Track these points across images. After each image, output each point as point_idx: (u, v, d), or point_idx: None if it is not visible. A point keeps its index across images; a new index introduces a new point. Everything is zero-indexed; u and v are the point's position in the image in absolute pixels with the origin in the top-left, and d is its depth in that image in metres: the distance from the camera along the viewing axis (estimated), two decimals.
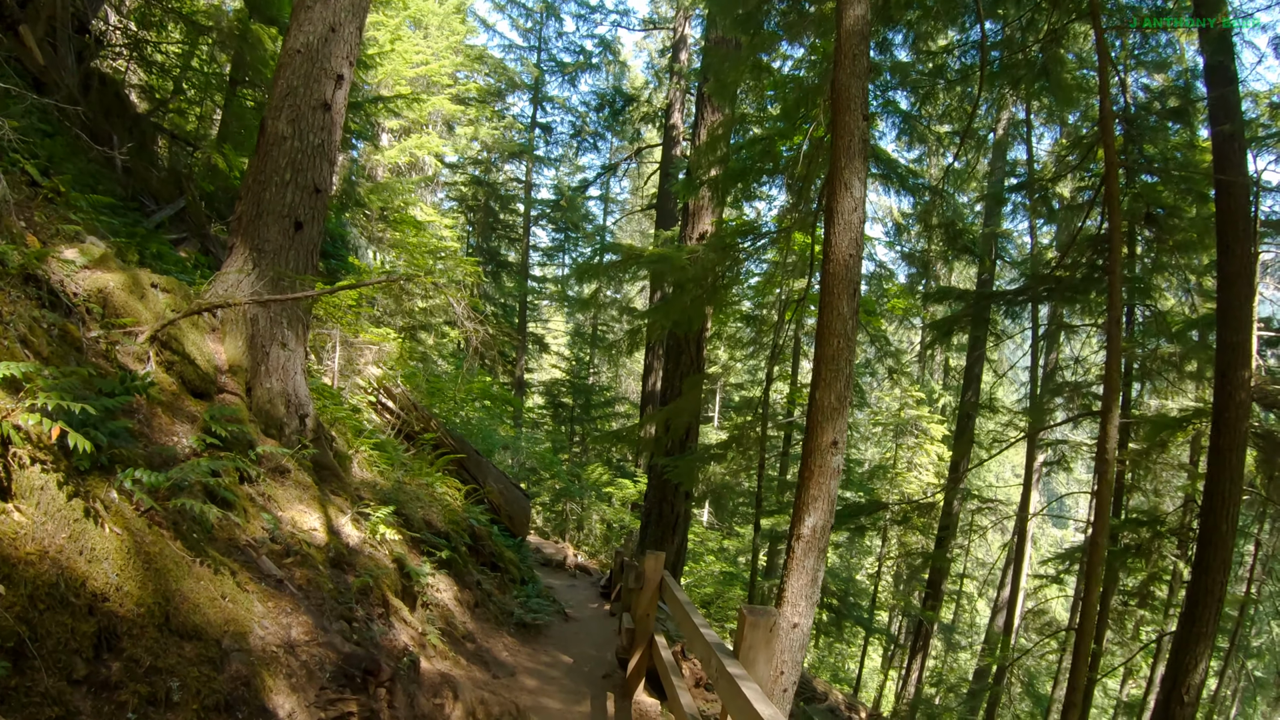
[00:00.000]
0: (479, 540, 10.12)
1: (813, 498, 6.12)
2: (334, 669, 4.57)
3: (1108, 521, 11.29)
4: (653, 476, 14.99)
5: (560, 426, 29.84)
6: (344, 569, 5.81)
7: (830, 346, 6.34)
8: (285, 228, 7.21)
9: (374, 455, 9.61)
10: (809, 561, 6.08)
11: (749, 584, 15.46)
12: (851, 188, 6.66)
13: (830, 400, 6.22)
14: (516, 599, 10.16)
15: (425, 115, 22.61)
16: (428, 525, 8.91)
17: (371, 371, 13.64)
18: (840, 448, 6.21)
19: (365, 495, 7.95)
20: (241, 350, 6.83)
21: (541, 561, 17.27)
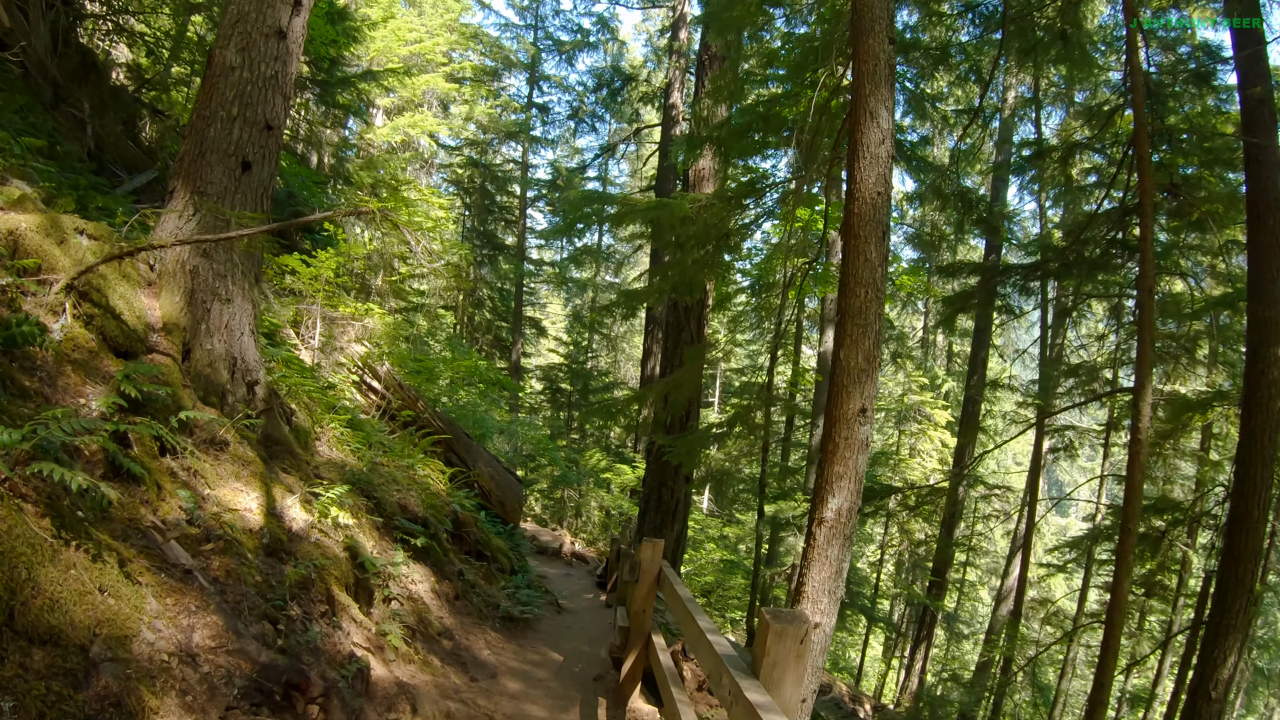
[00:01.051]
0: (463, 527, 9.09)
1: (837, 475, 5.09)
2: (246, 683, 3.54)
3: (1139, 507, 10.29)
4: (651, 460, 13.96)
5: (558, 413, 28.82)
6: (281, 558, 4.77)
7: (856, 298, 5.30)
8: (231, 168, 6.16)
9: (347, 434, 8.58)
10: (832, 550, 5.05)
11: (753, 573, 14.46)
12: (878, 117, 5.62)
13: (857, 360, 5.18)
14: (504, 590, 9.14)
15: (419, 94, 21.54)
16: (403, 510, 7.88)
17: (355, 349, 12.62)
18: (869, 416, 5.18)
19: (328, 476, 6.91)
20: (179, 306, 5.79)
21: (537, 549, 16.27)
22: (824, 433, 5.27)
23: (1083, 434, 22.27)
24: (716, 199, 7.61)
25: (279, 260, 11.21)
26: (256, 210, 6.33)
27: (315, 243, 14.00)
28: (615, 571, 11.15)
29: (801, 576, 5.10)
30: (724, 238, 8.01)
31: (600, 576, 13.36)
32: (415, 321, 20.30)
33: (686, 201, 7.58)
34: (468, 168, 25.95)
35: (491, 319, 27.74)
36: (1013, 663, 21.55)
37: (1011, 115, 23.28)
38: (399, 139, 20.52)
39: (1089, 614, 21.80)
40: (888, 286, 17.90)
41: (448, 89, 21.84)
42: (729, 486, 21.79)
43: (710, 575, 19.15)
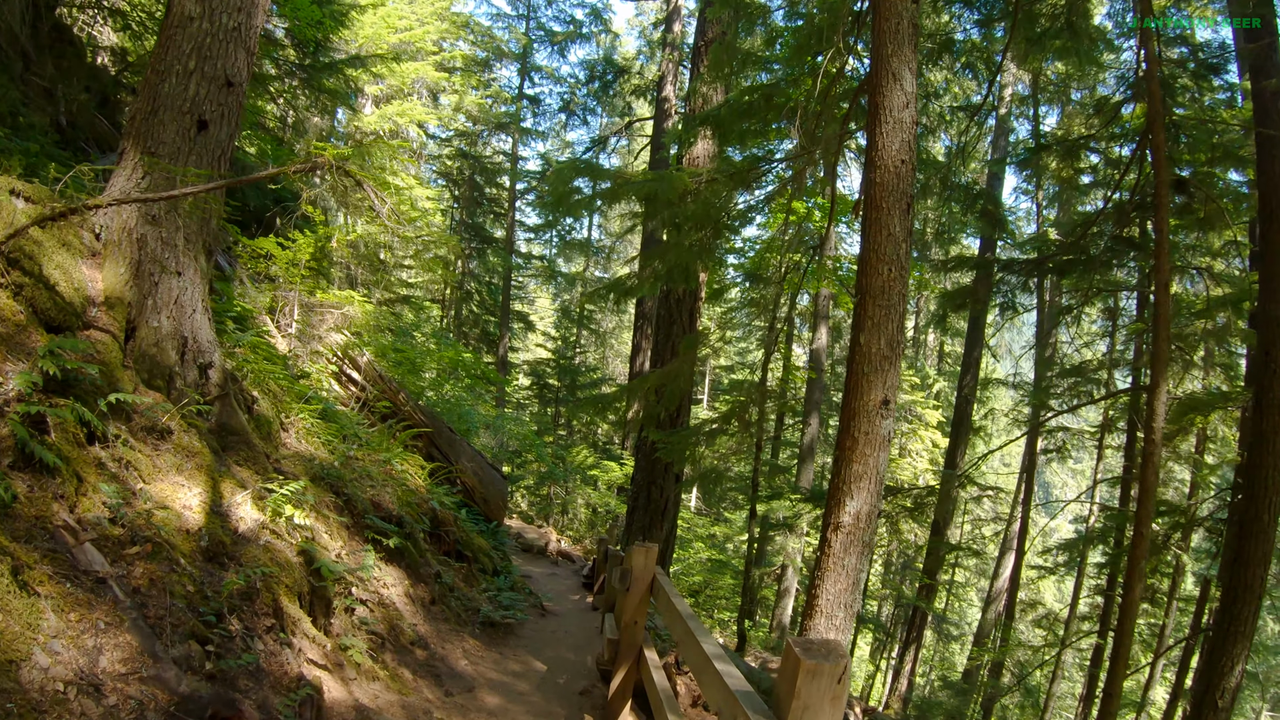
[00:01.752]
0: (442, 525, 8.44)
1: (855, 475, 4.47)
2: (161, 717, 2.89)
3: (1153, 510, 9.72)
4: (640, 458, 13.34)
5: (546, 409, 28.12)
6: (222, 564, 4.12)
7: (879, 276, 4.69)
8: (185, 127, 5.50)
9: (319, 425, 7.92)
10: (849, 559, 4.43)
11: (744, 575, 13.83)
12: (901, 79, 5.01)
13: (879, 346, 4.57)
14: (485, 593, 8.49)
15: (408, 82, 20.81)
16: (376, 507, 7.22)
17: (335, 339, 11.95)
18: (892, 409, 4.57)
19: (292, 470, 6.25)
20: (124, 279, 5.13)
21: (522, 547, 15.61)
22: (841, 428, 4.65)
23: (1075, 435, 21.77)
24: (719, 174, 6.95)
25: (255, 244, 10.53)
26: (215, 180, 5.67)
27: (298, 227, 13.30)
28: (602, 573, 10.52)
29: (814, 589, 4.48)
30: (722, 220, 7.37)
31: (587, 577, 12.73)
32: (401, 314, 19.60)
33: (687, 175, 6.92)
34: (457, 159, 25.22)
35: (479, 313, 27.03)
36: (1004, 667, 21.03)
37: (1008, 113, 22.78)
38: (388, 127, 19.82)
39: (1081, 617, 21.29)
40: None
41: (437, 78, 21.14)
42: (717, 485, 21.20)
43: (698, 575, 18.54)
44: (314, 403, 8.48)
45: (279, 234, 10.52)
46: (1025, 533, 20.13)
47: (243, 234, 10.87)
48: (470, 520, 11.31)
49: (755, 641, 18.00)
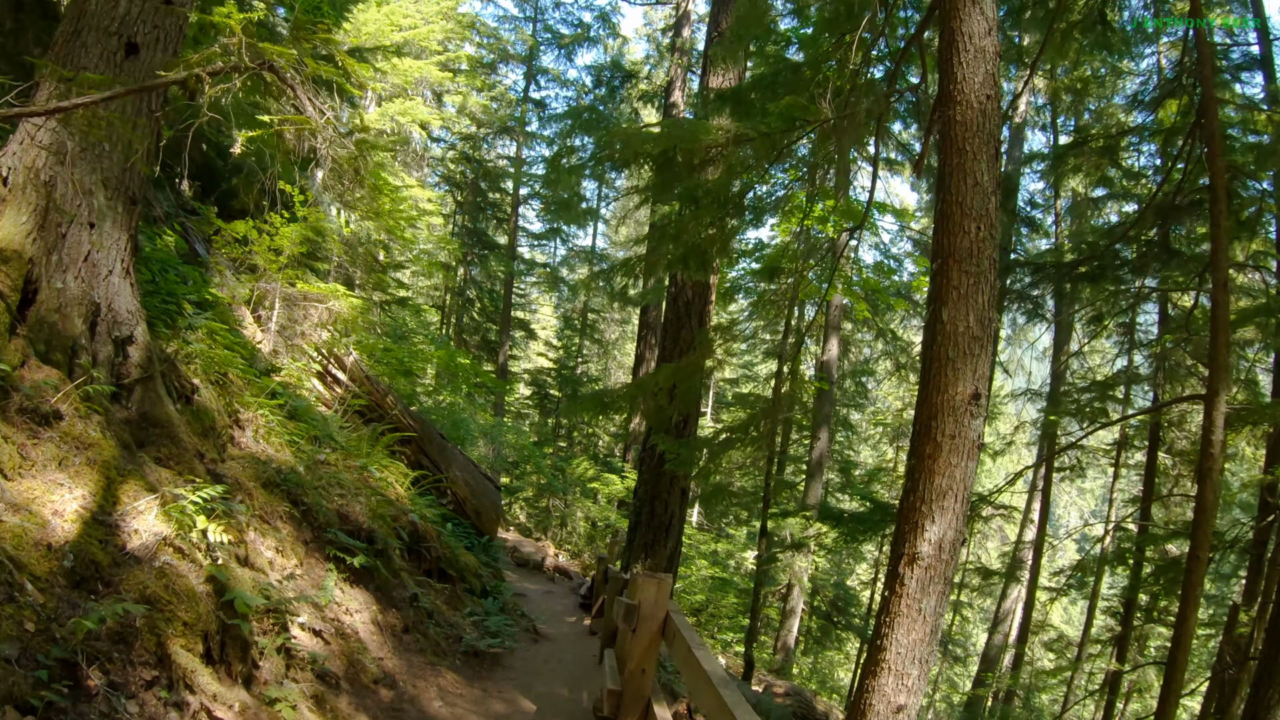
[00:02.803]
0: (422, 541, 7.30)
1: (938, 492, 3.37)
2: None
3: (1210, 531, 8.59)
4: (644, 470, 12.18)
5: (546, 419, 26.93)
6: (93, 592, 3.00)
7: (965, 235, 3.60)
8: (111, 50, 4.44)
9: (284, 424, 6.80)
10: (928, 601, 3.32)
11: (753, 595, 12.69)
12: (980, 2, 3.92)
13: (968, 323, 3.47)
14: (470, 617, 7.34)
15: (411, 81, 19.78)
16: (343, 520, 6.10)
17: (320, 336, 10.86)
18: (983, 405, 3.46)
19: (236, 473, 5.13)
20: (25, 230, 4.05)
21: (518, 562, 14.45)
22: (918, 430, 3.54)
23: (1089, 454, 20.69)
24: (751, 131, 5.84)
25: (230, 228, 9.44)
26: (141, 105, 4.59)
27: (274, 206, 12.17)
28: (601, 594, 9.38)
29: (881, 638, 3.36)
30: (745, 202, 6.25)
31: (584, 597, 11.57)
32: (398, 317, 18.51)
33: (714, 129, 5.82)
34: (460, 163, 24.18)
35: (480, 320, 25.91)
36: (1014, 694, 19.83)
37: (1022, 124, 21.78)
38: (390, 126, 18.78)
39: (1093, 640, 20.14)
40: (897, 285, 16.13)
41: (441, 78, 20.12)
42: (723, 501, 20.03)
43: (701, 594, 17.35)
44: (283, 399, 7.37)
45: (254, 216, 9.40)
46: (1040, 553, 18.97)
47: (220, 219, 9.78)
48: (460, 534, 10.18)
49: (759, 664, 16.83)
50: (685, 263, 6.86)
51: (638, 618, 3.74)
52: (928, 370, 3.58)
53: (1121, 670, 15.94)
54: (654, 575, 3.90)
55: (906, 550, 3.37)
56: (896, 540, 3.50)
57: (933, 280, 3.69)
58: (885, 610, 3.40)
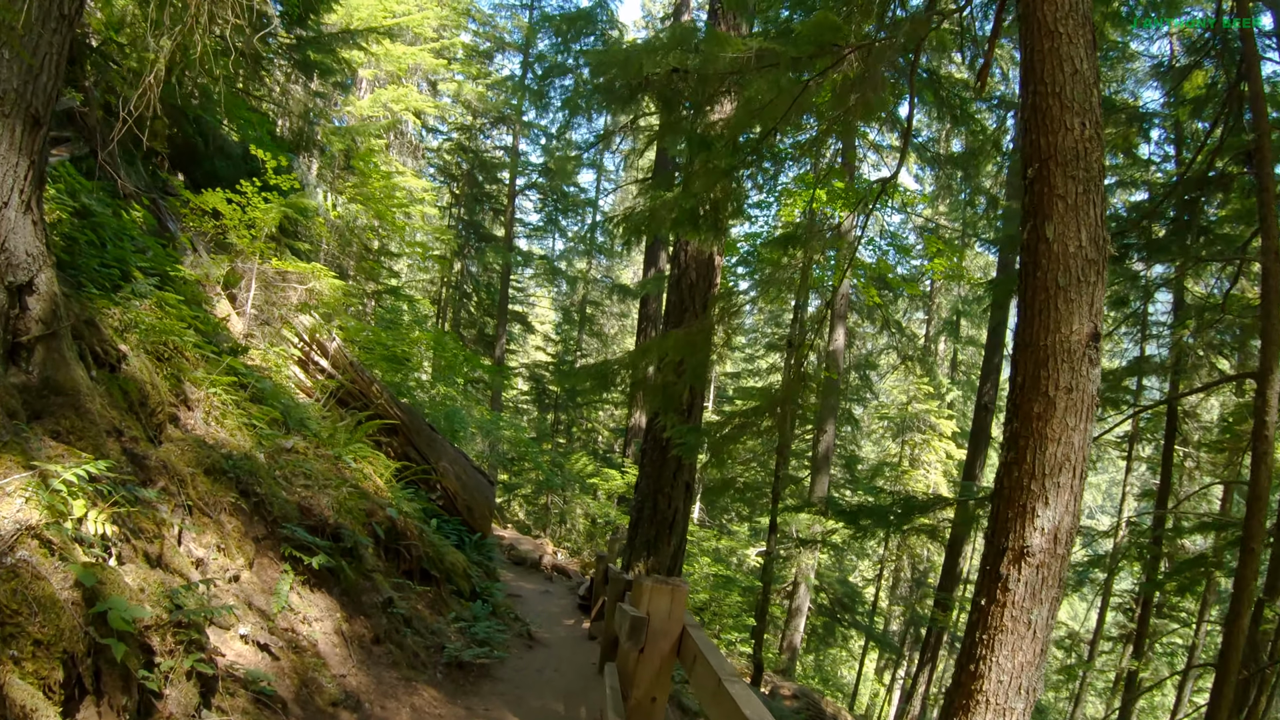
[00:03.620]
0: (401, 538, 6.39)
1: (1053, 465, 2.53)
2: None
3: (1264, 521, 7.73)
4: (646, 464, 11.28)
5: (545, 415, 25.99)
6: None
7: (1068, 132, 2.78)
8: None
9: (244, 407, 5.90)
10: (1039, 611, 2.50)
11: (762, 595, 11.79)
12: None
13: (1079, 242, 2.64)
14: (456, 623, 6.44)
15: (404, 68, 18.91)
16: (304, 514, 5.20)
17: (301, 321, 9.97)
18: (1100, 349, 2.56)
19: (165, 457, 4.24)
20: None
21: (514, 560, 13.56)
22: (1019, 384, 2.68)
23: (1100, 447, 19.86)
24: (777, 45, 4.92)
25: (199, 199, 8.53)
26: (52, 9, 3.70)
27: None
28: (600, 596, 8.48)
29: (975, 664, 2.50)
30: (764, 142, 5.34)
31: (583, 598, 10.66)
32: (393, 308, 17.57)
33: (734, 41, 4.90)
34: (456, 153, 23.26)
35: (477, 314, 24.98)
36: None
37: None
38: (382, 115, 17.89)
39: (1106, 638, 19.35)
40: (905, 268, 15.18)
41: (435, 65, 19.25)
42: (726, 494, 19.11)
43: (704, 592, 16.43)
44: (248, 379, 6.47)
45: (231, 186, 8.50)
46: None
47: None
48: (450, 531, 9.30)
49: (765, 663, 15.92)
50: (693, 221, 5.95)
51: (646, 634, 2.83)
52: (1030, 306, 2.71)
53: (1138, 668, 15.12)
54: (665, 581, 2.99)
55: (1011, 543, 2.50)
56: (996, 531, 2.63)
57: (1029, 191, 2.82)
58: (980, 625, 2.53)
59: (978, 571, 2.71)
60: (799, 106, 4.97)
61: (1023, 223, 2.89)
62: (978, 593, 2.66)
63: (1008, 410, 2.79)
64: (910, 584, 24.03)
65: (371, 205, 13.69)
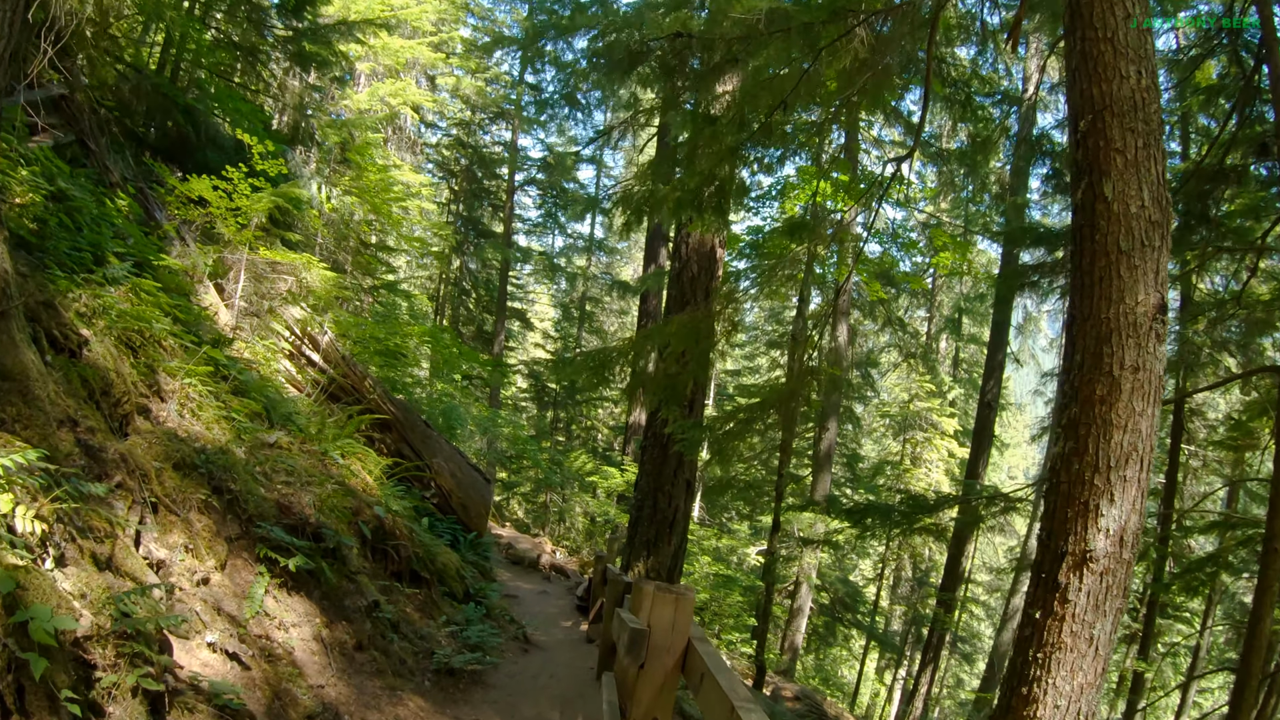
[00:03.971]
0: (389, 539, 6.04)
1: (1119, 455, 2.22)
2: None
3: None
4: (646, 461, 10.93)
5: (544, 413, 25.62)
6: None
7: (1124, 81, 2.55)
8: None
9: (223, 400, 5.56)
10: (1103, 625, 2.18)
11: (765, 596, 11.44)
12: None
13: (1140, 201, 2.32)
14: (447, 627, 6.10)
15: (403, 62, 18.55)
16: (283, 512, 4.86)
17: (292, 313, 9.64)
18: (1167, 323, 2.22)
19: (125, 449, 3.89)
20: None
21: (512, 560, 13.22)
22: (1081, 362, 2.34)
23: None
24: (793, 4, 4.54)
25: (185, 187, 8.17)
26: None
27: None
28: (599, 597, 8.14)
29: (1030, 686, 2.17)
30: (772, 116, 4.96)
31: (581, 599, 10.31)
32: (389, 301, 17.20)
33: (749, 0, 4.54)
34: (455, 149, 22.89)
35: (476, 311, 24.62)
36: None
37: (1032, 108, 20.54)
38: (380, 109, 17.53)
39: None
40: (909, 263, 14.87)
41: (434, 59, 18.89)
42: (726, 494, 18.73)
43: (704, 591, 16.08)
44: (230, 371, 6.13)
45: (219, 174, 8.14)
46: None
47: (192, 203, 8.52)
48: (444, 530, 8.96)
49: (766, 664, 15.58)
50: (696, 204, 5.59)
51: (647, 648, 2.47)
52: (1088, 274, 2.37)
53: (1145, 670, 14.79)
54: (668, 589, 2.63)
55: (1071, 547, 2.16)
56: (1053, 533, 2.29)
57: (1080, 146, 2.48)
58: (1034, 641, 2.19)
59: (1029, 580, 2.37)
60: (809, 80, 4.62)
61: (1074, 182, 2.55)
62: (1030, 604, 2.32)
63: (1062, 393, 2.45)
64: (912, 583, 23.70)
65: (366, 198, 13.33)
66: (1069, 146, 2.60)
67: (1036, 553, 2.36)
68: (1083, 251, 2.44)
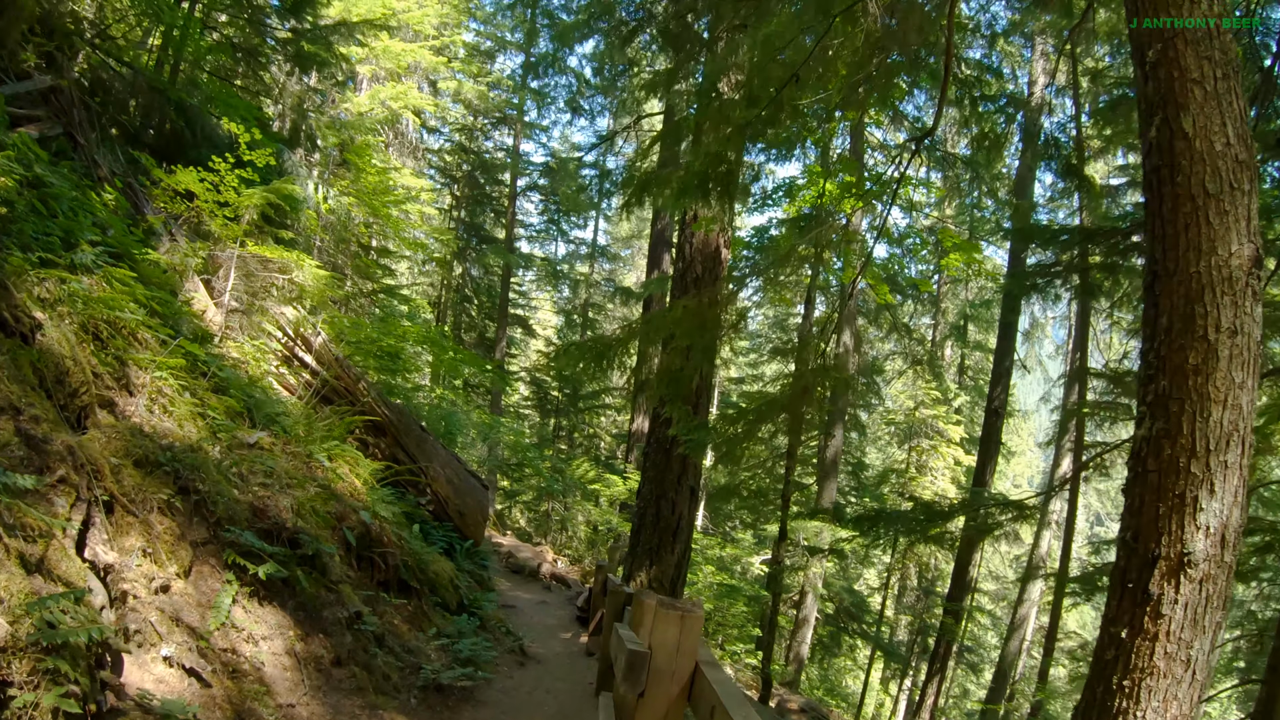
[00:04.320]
0: (375, 545, 5.66)
1: (1220, 435, 1.83)
2: None
3: None
4: (649, 466, 10.51)
5: (546, 420, 25.19)
6: None
7: (1194, 5, 1.99)
8: None
9: (200, 396, 5.20)
10: (1201, 642, 1.80)
11: (772, 608, 11.03)
12: None
13: (1225, 138, 1.93)
14: (437, 640, 5.71)
15: (404, 65, 18.25)
16: (257, 515, 4.49)
17: (285, 314, 9.29)
18: (1264, 279, 1.84)
19: (77, 443, 3.53)
20: None
21: (512, 569, 12.83)
22: (1168, 326, 1.95)
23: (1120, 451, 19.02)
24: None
25: (171, 179, 7.82)
26: None
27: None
28: (599, 608, 7.75)
29: (1111, 717, 1.73)
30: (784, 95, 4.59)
31: (581, 609, 9.91)
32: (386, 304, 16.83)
33: None
34: (456, 154, 22.55)
35: (478, 318, 24.24)
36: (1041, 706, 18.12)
37: (1038, 110, 20.20)
38: (381, 113, 17.21)
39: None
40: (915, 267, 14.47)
41: (435, 62, 18.60)
42: (729, 501, 18.26)
43: (709, 602, 15.62)
44: (209, 367, 5.77)
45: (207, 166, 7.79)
46: (1068, 556, 17.28)
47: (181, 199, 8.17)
48: (439, 538, 8.57)
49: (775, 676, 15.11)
50: (703, 189, 5.19)
51: (648, 673, 2.05)
52: (1170, 222, 2.00)
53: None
54: (673, 604, 2.22)
55: (1165, 549, 1.79)
56: (1140, 533, 1.91)
57: (1150, 79, 2.13)
58: (1119, 666, 1.81)
59: (1109, 592, 2.01)
60: (820, 55, 4.26)
61: (1143, 120, 2.19)
62: (1112, 621, 1.94)
63: (1146, 365, 2.07)
64: (918, 592, 23.23)
65: (364, 199, 13.00)
66: (1136, 82, 2.24)
67: (1118, 557, 1.98)
68: (1161, 197, 2.06)
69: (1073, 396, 23.30)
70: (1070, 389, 22.83)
